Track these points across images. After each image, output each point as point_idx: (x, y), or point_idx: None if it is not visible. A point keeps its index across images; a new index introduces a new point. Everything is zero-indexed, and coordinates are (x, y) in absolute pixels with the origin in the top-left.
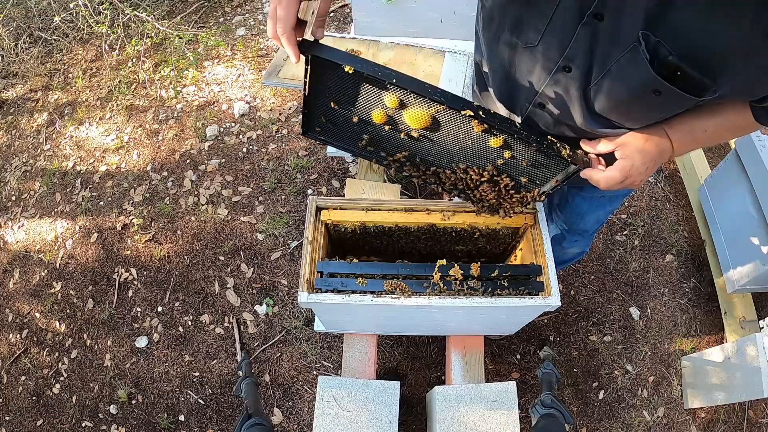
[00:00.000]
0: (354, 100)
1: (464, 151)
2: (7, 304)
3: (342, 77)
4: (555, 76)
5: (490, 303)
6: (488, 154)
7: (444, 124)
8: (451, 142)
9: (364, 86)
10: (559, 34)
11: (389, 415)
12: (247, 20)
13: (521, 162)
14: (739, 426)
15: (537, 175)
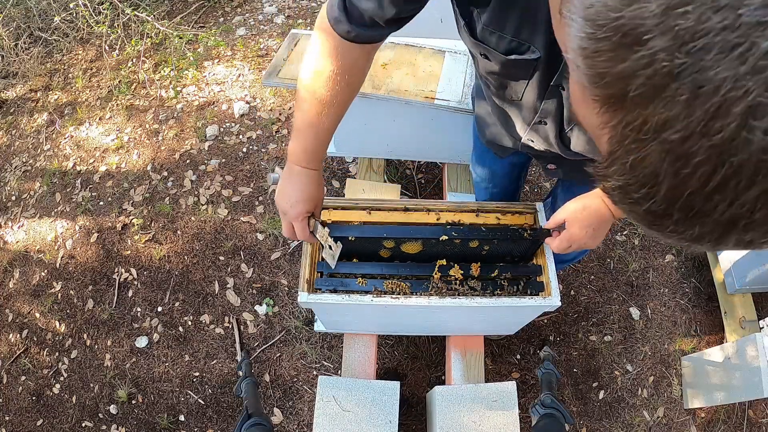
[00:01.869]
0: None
1: (453, 251)
2: (7, 304)
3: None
4: (534, 126)
5: (490, 303)
6: (472, 251)
7: (429, 248)
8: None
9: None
10: (533, 98)
11: (389, 415)
12: (247, 20)
13: (498, 249)
14: (739, 426)
15: (515, 249)
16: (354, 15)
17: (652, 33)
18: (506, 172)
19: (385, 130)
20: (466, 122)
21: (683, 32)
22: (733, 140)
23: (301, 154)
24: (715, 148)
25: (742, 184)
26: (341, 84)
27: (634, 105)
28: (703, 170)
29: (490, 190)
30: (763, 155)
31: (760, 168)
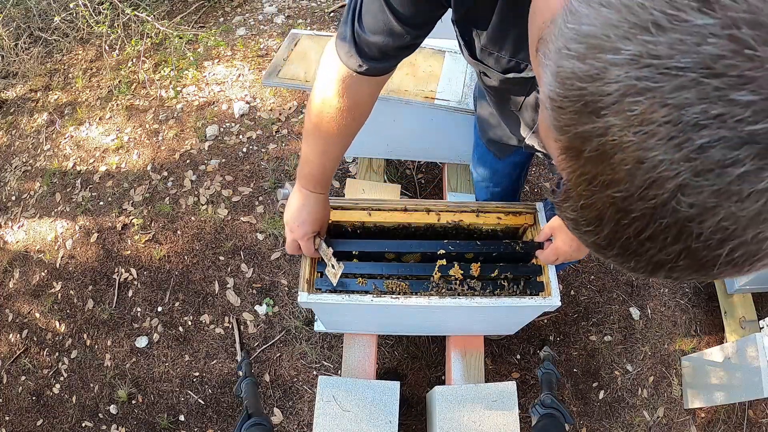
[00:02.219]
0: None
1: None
2: (7, 304)
3: None
4: (535, 133)
5: (490, 303)
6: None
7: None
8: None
9: None
10: (531, 110)
11: (389, 415)
12: (247, 20)
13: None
14: (739, 426)
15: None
16: (364, 49)
17: (609, 111)
18: (507, 171)
19: (385, 130)
20: (466, 122)
21: (633, 117)
22: (665, 206)
23: (310, 180)
24: (649, 210)
25: (669, 239)
26: (348, 119)
27: (588, 161)
28: (638, 224)
29: (491, 190)
30: (687, 222)
31: (684, 230)
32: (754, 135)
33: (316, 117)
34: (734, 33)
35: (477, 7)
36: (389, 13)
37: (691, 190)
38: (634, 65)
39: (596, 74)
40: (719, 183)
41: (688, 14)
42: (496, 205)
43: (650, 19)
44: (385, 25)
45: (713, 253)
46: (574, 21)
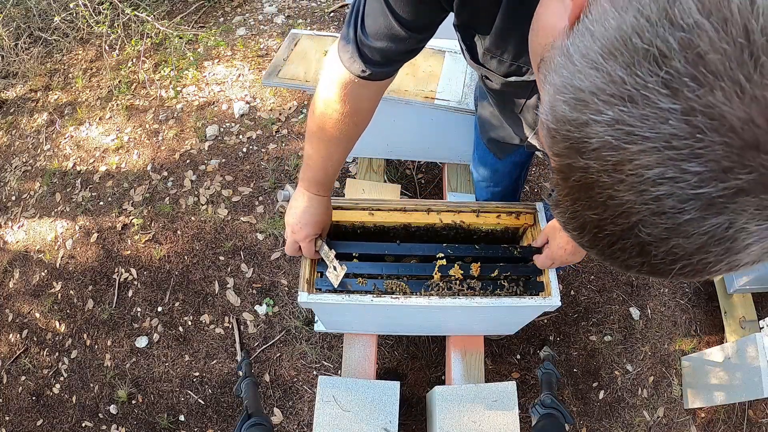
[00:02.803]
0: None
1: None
2: (7, 304)
3: None
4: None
5: (490, 303)
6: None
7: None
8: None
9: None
10: (532, 112)
11: (389, 415)
12: (247, 20)
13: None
14: (739, 426)
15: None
16: (367, 54)
17: (590, 155)
18: (508, 171)
19: (385, 130)
20: (466, 122)
21: (608, 165)
22: (630, 230)
23: (312, 183)
24: (618, 231)
25: (633, 253)
26: (350, 124)
27: (573, 187)
28: (610, 238)
29: (491, 190)
30: (646, 245)
31: (644, 249)
32: (698, 195)
33: (319, 121)
34: (691, 119)
35: (479, 13)
36: (392, 18)
37: (649, 224)
38: (611, 127)
39: (582, 124)
40: (670, 223)
41: (657, 97)
42: (496, 205)
43: (627, 94)
44: (388, 29)
45: (668, 267)
46: (569, 71)
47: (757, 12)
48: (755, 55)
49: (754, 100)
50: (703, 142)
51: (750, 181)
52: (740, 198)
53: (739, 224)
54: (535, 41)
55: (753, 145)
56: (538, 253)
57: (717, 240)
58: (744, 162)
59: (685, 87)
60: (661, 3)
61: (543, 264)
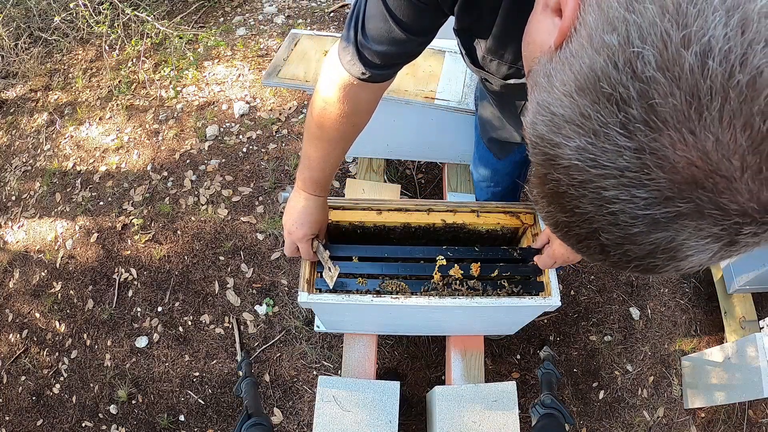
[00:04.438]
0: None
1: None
2: (7, 304)
3: None
4: None
5: (490, 303)
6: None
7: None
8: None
9: None
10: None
11: (389, 415)
12: (247, 20)
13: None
14: (739, 426)
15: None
16: (367, 57)
17: (560, 171)
18: (508, 171)
19: (385, 130)
20: (466, 122)
21: (574, 181)
22: (593, 234)
23: (309, 183)
24: (583, 233)
25: (597, 251)
26: (348, 125)
27: (547, 193)
28: (576, 237)
29: (492, 190)
30: (605, 247)
31: (604, 249)
32: (645, 215)
33: (318, 121)
34: (641, 157)
35: (479, 17)
36: (392, 21)
37: (606, 232)
38: (578, 153)
39: (556, 145)
40: (623, 233)
41: (615, 135)
42: (496, 205)
43: (592, 128)
44: (388, 33)
45: (625, 265)
46: (549, 96)
47: (707, 73)
48: (700, 111)
49: (695, 147)
50: (650, 175)
51: (688, 208)
52: (680, 221)
53: (680, 240)
54: (526, 51)
55: (690, 182)
56: (537, 254)
57: (662, 250)
58: (683, 194)
59: (639, 131)
60: (627, 53)
61: (545, 264)
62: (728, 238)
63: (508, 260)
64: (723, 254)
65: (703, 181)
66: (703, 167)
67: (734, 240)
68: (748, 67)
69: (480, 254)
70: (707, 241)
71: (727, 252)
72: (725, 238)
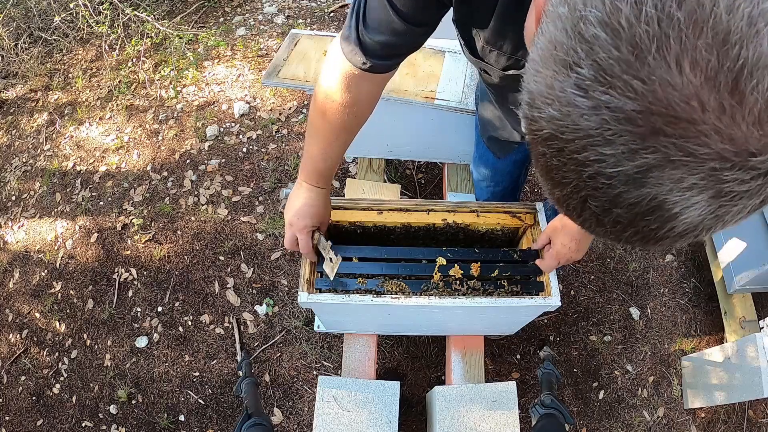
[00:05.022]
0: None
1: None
2: (7, 304)
3: None
4: None
5: (490, 303)
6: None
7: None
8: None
9: None
10: None
11: (389, 415)
12: (247, 20)
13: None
14: (739, 426)
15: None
16: (368, 47)
17: (543, 144)
18: (508, 170)
19: (385, 130)
20: (466, 122)
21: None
22: (584, 203)
23: (312, 175)
24: (577, 205)
25: (593, 222)
26: (350, 115)
27: (540, 169)
28: (575, 211)
29: (492, 189)
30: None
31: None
32: (618, 172)
33: (320, 112)
34: (599, 113)
35: (477, 8)
36: (392, 13)
37: (593, 198)
38: (550, 122)
39: (534, 120)
40: (606, 197)
41: (574, 98)
42: (496, 205)
43: (556, 96)
44: (389, 24)
45: (621, 234)
46: (527, 75)
47: (644, 17)
48: (643, 58)
49: (643, 94)
50: (611, 131)
51: (656, 159)
52: (654, 173)
53: (662, 196)
54: (526, 40)
55: (651, 131)
56: (537, 258)
57: (648, 210)
58: (646, 144)
59: (591, 89)
60: (574, 19)
61: (549, 267)
62: (712, 187)
63: (508, 261)
64: (717, 210)
65: (664, 127)
66: (660, 113)
67: (720, 190)
68: (685, 3)
69: (480, 255)
70: (691, 194)
71: (720, 206)
72: (709, 188)
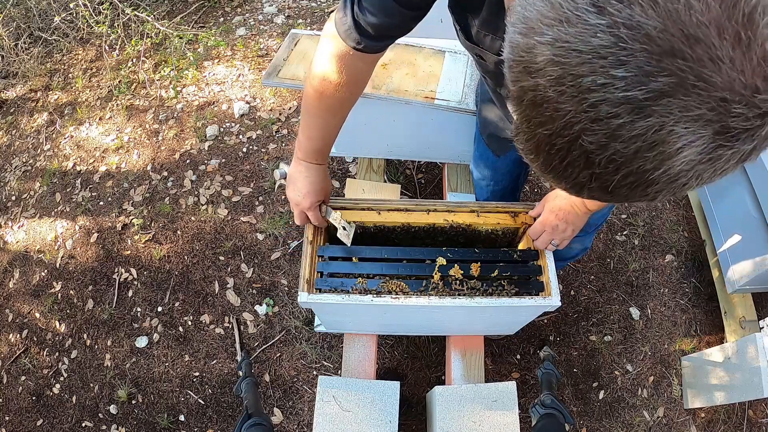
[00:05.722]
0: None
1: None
2: (7, 304)
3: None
4: None
5: (490, 303)
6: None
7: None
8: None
9: None
10: None
11: (389, 415)
12: (247, 20)
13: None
14: (739, 426)
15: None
16: (362, 27)
17: (537, 74)
18: (508, 169)
19: (385, 130)
20: (466, 122)
21: (552, 80)
22: (575, 141)
23: (311, 153)
24: (566, 144)
25: (581, 166)
26: (347, 93)
27: (527, 107)
28: (561, 154)
29: (492, 188)
30: (590, 154)
31: (589, 160)
32: (627, 98)
33: (318, 94)
34: (615, 31)
35: None
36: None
37: (589, 132)
38: (552, 46)
39: (531, 47)
40: (606, 129)
41: (587, 16)
42: (496, 204)
43: (564, 16)
44: (383, 5)
45: (612, 177)
46: (521, 5)
47: None
48: None
49: (667, 12)
50: (626, 50)
51: (670, 84)
52: (664, 100)
53: (668, 126)
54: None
55: (669, 51)
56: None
57: (650, 144)
58: (662, 66)
59: (609, 5)
60: None
61: (542, 242)
62: (718, 121)
63: (508, 261)
64: (713, 152)
65: (683, 49)
66: (679, 34)
67: (726, 126)
68: None
69: (480, 255)
70: (697, 126)
71: (718, 147)
72: (715, 121)
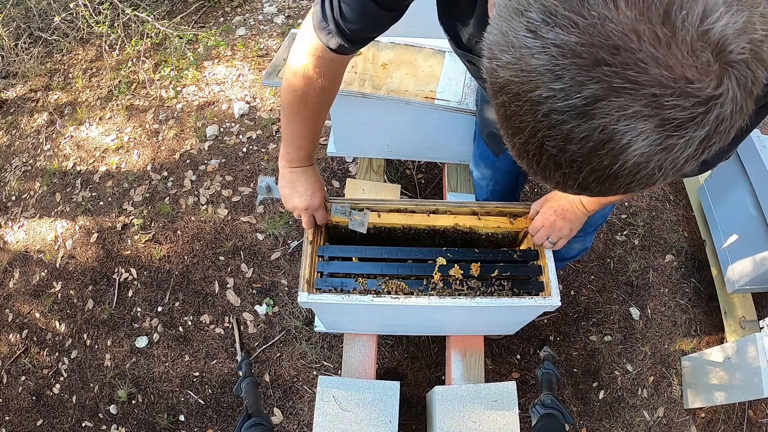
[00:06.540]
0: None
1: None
2: (7, 304)
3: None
4: None
5: (490, 303)
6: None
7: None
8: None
9: None
10: None
11: (389, 415)
12: (247, 20)
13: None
14: (739, 426)
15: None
16: (343, 32)
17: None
18: (508, 169)
19: (385, 130)
20: (466, 122)
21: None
22: (541, 146)
23: (303, 158)
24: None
25: (552, 167)
26: (329, 96)
27: (501, 119)
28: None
29: (491, 188)
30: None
31: (556, 160)
32: (569, 105)
33: (302, 99)
34: (547, 51)
35: (458, 4)
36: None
37: (549, 138)
38: (506, 69)
39: (493, 70)
40: (560, 134)
41: (525, 41)
42: (495, 205)
43: (510, 42)
44: (365, 11)
45: (578, 175)
46: (488, 31)
47: None
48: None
49: (586, 28)
50: (559, 66)
51: (600, 89)
52: (599, 103)
53: (611, 126)
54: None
55: (594, 62)
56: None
57: (600, 143)
58: (591, 75)
59: (539, 29)
60: None
61: (539, 237)
62: (656, 115)
63: (508, 261)
64: (664, 142)
65: (605, 58)
66: (600, 45)
67: (664, 118)
68: None
69: (480, 255)
70: (636, 122)
71: (667, 137)
72: (652, 115)
